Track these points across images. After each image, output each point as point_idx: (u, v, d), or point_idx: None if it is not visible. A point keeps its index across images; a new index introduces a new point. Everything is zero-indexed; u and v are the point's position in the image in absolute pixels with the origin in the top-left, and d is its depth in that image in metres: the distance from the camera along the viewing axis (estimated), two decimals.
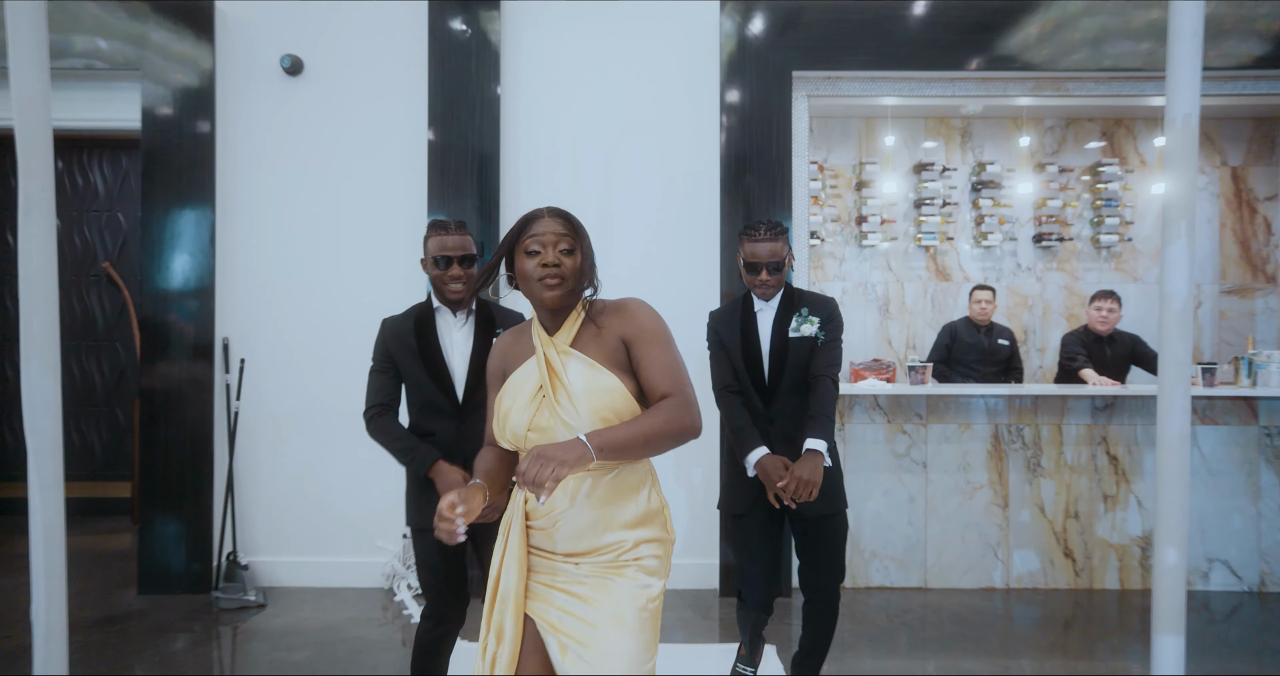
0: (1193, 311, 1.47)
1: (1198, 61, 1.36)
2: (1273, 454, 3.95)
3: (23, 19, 1.27)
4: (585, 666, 1.38)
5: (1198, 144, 1.42)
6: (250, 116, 4.10)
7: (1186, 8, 1.35)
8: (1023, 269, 5.26)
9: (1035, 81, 4.11)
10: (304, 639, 3.31)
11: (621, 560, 1.46)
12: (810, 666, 2.42)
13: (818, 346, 2.25)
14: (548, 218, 1.49)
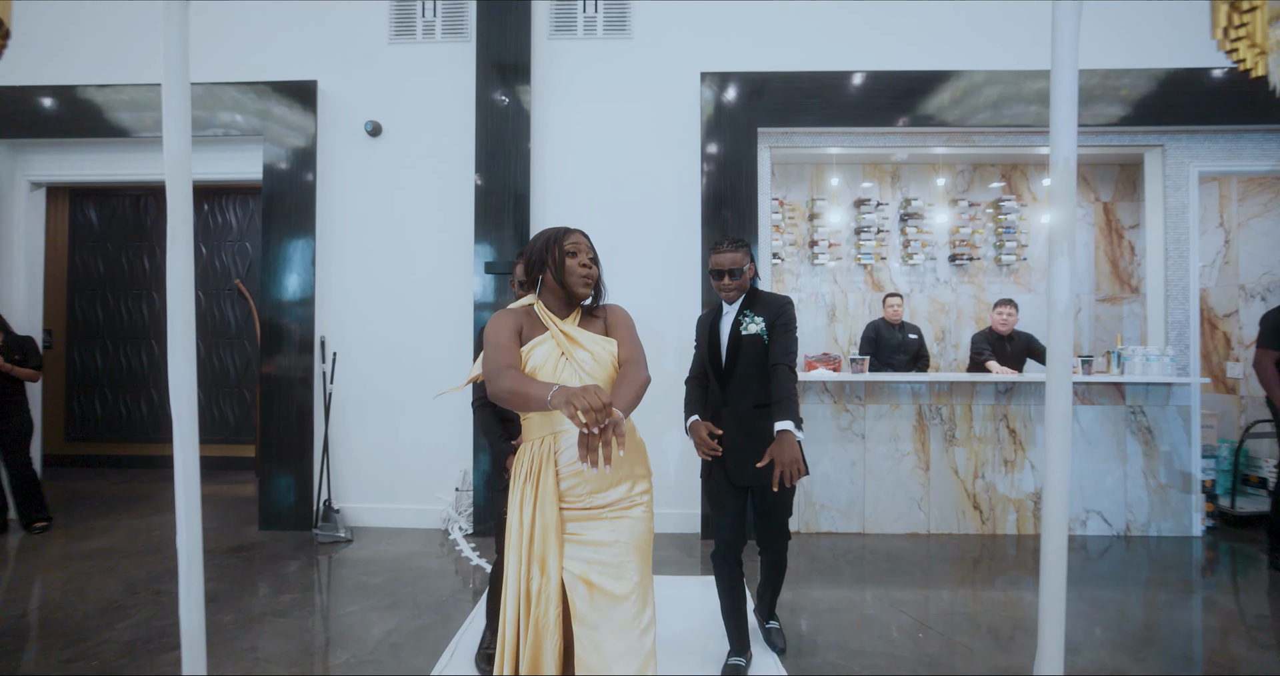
0: (1074, 314, 1.37)
1: (1074, 119, 1.30)
2: (1136, 427, 3.76)
3: (174, 99, 1.28)
4: (617, 584, 1.35)
5: (1075, 182, 1.34)
6: (342, 168, 4.06)
7: (1064, 78, 1.30)
8: (941, 282, 5.09)
9: (948, 135, 3.97)
10: (381, 566, 3.28)
11: (630, 501, 1.44)
12: (768, 599, 2.38)
13: (768, 341, 2.06)
14: (579, 233, 1.53)
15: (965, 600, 2.84)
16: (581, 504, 1.40)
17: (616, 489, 1.41)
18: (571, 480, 1.39)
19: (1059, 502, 1.39)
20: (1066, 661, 2.18)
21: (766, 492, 2.06)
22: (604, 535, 1.38)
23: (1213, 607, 2.83)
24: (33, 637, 2.44)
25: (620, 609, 1.34)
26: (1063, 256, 1.36)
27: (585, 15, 4.05)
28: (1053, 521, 1.40)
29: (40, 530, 3.78)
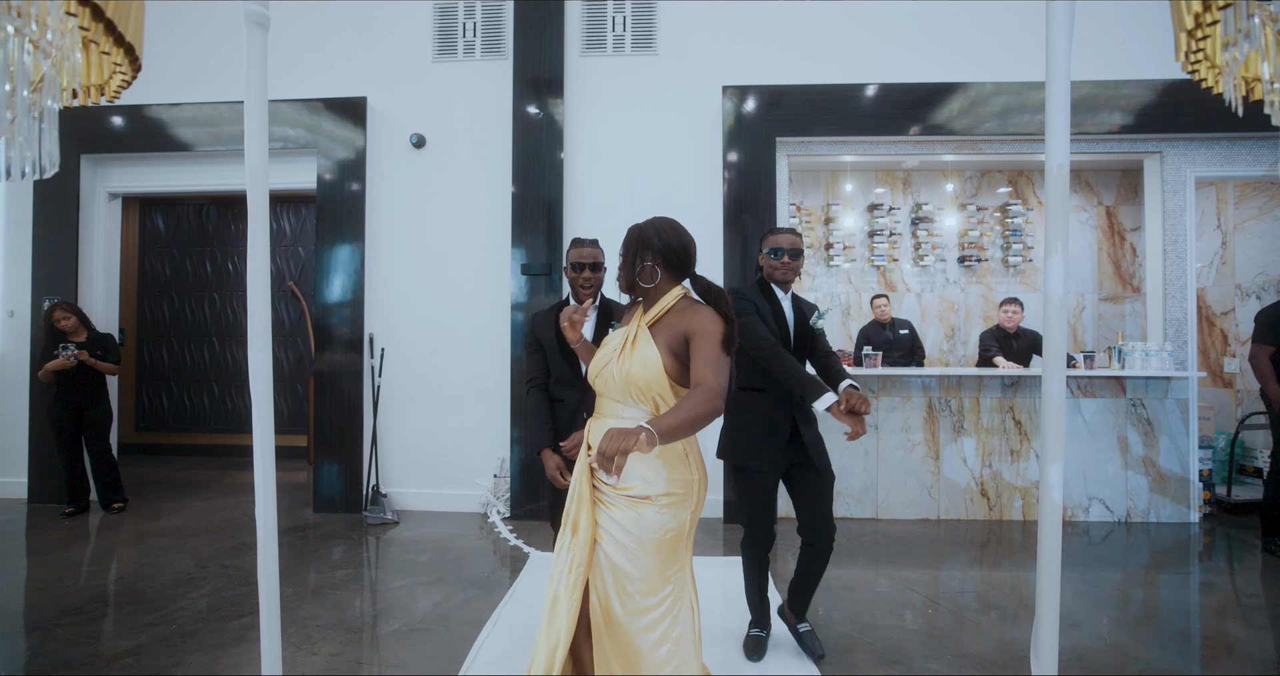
0: (1068, 310, 1.46)
1: (1066, 128, 1.36)
2: (1136, 419, 3.80)
3: (254, 117, 1.35)
4: (621, 558, 1.37)
5: (1068, 187, 1.41)
6: (389, 178, 4.20)
7: (1058, 89, 1.36)
8: (950, 282, 5.13)
9: (957, 143, 4.02)
10: (426, 546, 3.40)
11: (646, 498, 1.39)
12: (804, 598, 2.16)
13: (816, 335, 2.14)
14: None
15: (973, 580, 2.92)
16: (609, 482, 1.41)
17: (633, 480, 1.39)
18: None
19: (1055, 483, 1.45)
20: (1070, 636, 2.27)
21: (824, 475, 2.00)
22: (620, 516, 1.38)
23: (1208, 589, 2.88)
24: (116, 605, 2.60)
25: (623, 581, 1.36)
26: (1056, 253, 1.43)
27: (614, 33, 4.16)
28: (1049, 503, 1.46)
29: (118, 510, 4.00)
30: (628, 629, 1.35)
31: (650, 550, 1.37)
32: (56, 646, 2.21)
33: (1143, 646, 2.28)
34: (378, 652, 2.19)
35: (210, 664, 2.08)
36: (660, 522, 1.37)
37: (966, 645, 2.27)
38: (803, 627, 2.19)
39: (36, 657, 2.13)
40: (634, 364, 1.39)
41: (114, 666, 2.06)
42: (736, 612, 2.43)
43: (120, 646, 2.21)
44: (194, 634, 2.32)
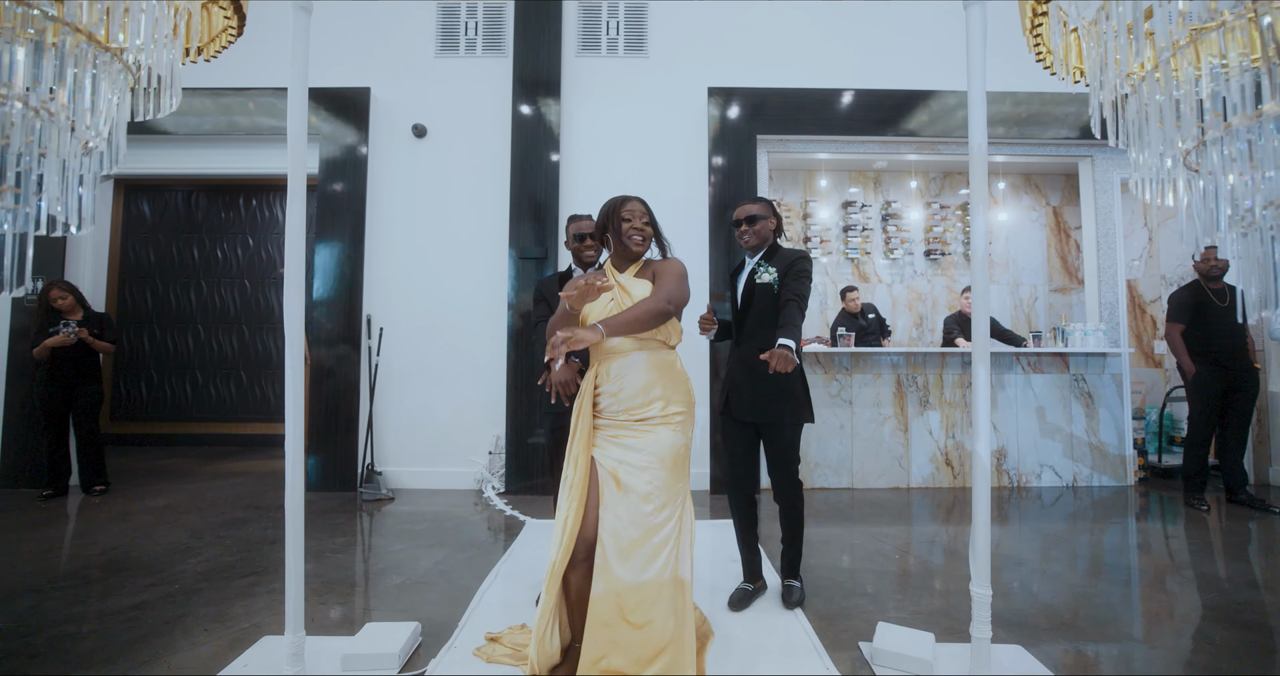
0: (988, 292, 1.78)
1: (983, 116, 1.70)
2: (1079, 393, 4.23)
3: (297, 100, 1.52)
4: (642, 483, 1.55)
5: (987, 193, 1.78)
6: (390, 165, 4.39)
7: (976, 89, 1.69)
8: (918, 274, 5.53)
9: (920, 145, 4.43)
10: (423, 519, 3.49)
11: (660, 417, 1.61)
12: (790, 557, 2.28)
13: (779, 288, 2.11)
14: (635, 201, 1.76)
15: (938, 534, 3.24)
16: (620, 417, 1.61)
17: (650, 407, 1.60)
18: (607, 399, 1.62)
19: (983, 432, 1.77)
20: (1019, 571, 2.61)
21: (772, 432, 2.13)
22: (635, 443, 1.58)
23: (1141, 534, 3.28)
24: (113, 570, 2.59)
25: (639, 504, 1.52)
26: (979, 215, 1.78)
27: (608, 36, 4.48)
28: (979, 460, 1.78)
29: (99, 493, 3.97)
30: (643, 544, 1.51)
31: (668, 464, 1.57)
32: (56, 605, 2.21)
33: (1079, 573, 2.63)
34: (384, 601, 2.28)
35: (219, 615, 2.13)
36: (674, 439, 1.61)
37: (928, 581, 2.57)
38: (788, 582, 2.28)
39: (36, 614, 2.13)
40: (637, 295, 1.65)
41: (118, 619, 2.08)
42: (723, 572, 2.59)
43: (123, 603, 2.22)
44: (198, 591, 2.35)
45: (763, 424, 2.13)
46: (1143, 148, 1.37)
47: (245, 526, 3.31)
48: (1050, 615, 2.20)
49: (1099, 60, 1.35)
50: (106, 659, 1.81)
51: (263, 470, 4.94)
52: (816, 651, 1.87)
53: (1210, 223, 1.23)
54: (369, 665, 1.67)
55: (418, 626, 1.91)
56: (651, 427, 1.60)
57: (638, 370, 1.62)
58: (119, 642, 1.92)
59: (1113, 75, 1.32)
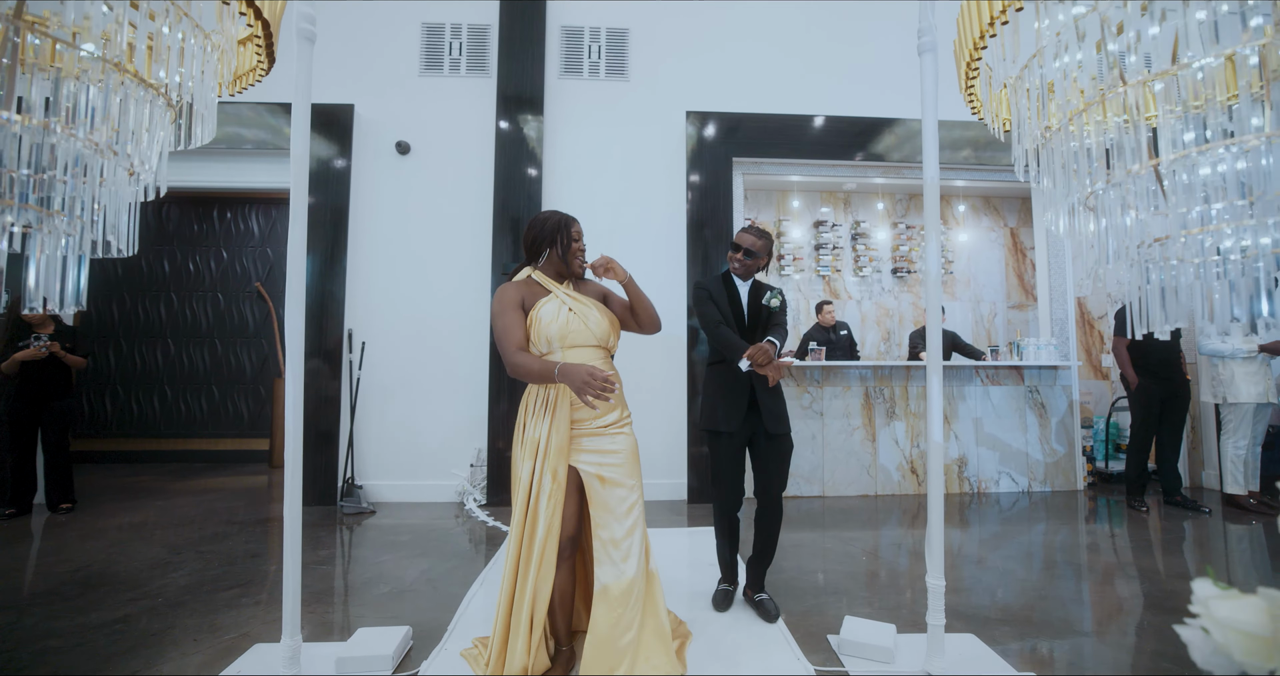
0: (940, 309, 1.96)
1: (935, 160, 1.89)
2: (1033, 403, 4.53)
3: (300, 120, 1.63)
4: (622, 477, 1.74)
5: (939, 217, 1.98)
6: (374, 180, 4.48)
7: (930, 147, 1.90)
8: (885, 291, 5.81)
9: (886, 169, 4.72)
10: (406, 531, 3.54)
11: (622, 422, 1.82)
12: (760, 569, 2.36)
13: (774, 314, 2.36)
14: (578, 224, 1.90)
15: (904, 537, 3.44)
16: (594, 425, 1.76)
17: (612, 413, 1.79)
18: (583, 412, 1.75)
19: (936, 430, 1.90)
20: (976, 569, 2.82)
21: (780, 441, 2.25)
22: (609, 445, 1.75)
23: (1089, 535, 3.54)
24: (92, 586, 2.59)
25: (623, 496, 1.72)
26: (933, 241, 1.99)
27: (590, 60, 4.68)
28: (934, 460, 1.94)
29: (65, 511, 3.90)
30: (616, 511, 1.74)
31: (635, 458, 1.82)
32: (35, 620, 2.20)
33: (1034, 569, 2.85)
34: (374, 609, 2.35)
35: (207, 625, 2.16)
36: (633, 440, 1.84)
37: (892, 579, 2.77)
38: (759, 597, 2.33)
39: (15, 630, 2.12)
40: (600, 313, 1.82)
41: (102, 633, 2.09)
42: (703, 577, 2.70)
43: (105, 617, 2.23)
44: (182, 604, 2.37)
45: (780, 435, 2.24)
46: (1053, 190, 1.60)
47: (225, 541, 3.32)
48: (1002, 608, 2.40)
49: (1019, 116, 1.57)
50: (94, 670, 1.85)
51: (236, 486, 4.89)
52: (789, 644, 2.02)
53: (1103, 254, 1.46)
54: (363, 666, 1.75)
55: (409, 630, 2.00)
56: (620, 430, 1.79)
57: None
58: (105, 654, 1.96)
59: (1030, 128, 1.54)
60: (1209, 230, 1.40)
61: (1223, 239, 1.39)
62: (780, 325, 2.34)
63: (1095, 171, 1.39)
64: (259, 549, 3.20)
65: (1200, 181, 1.35)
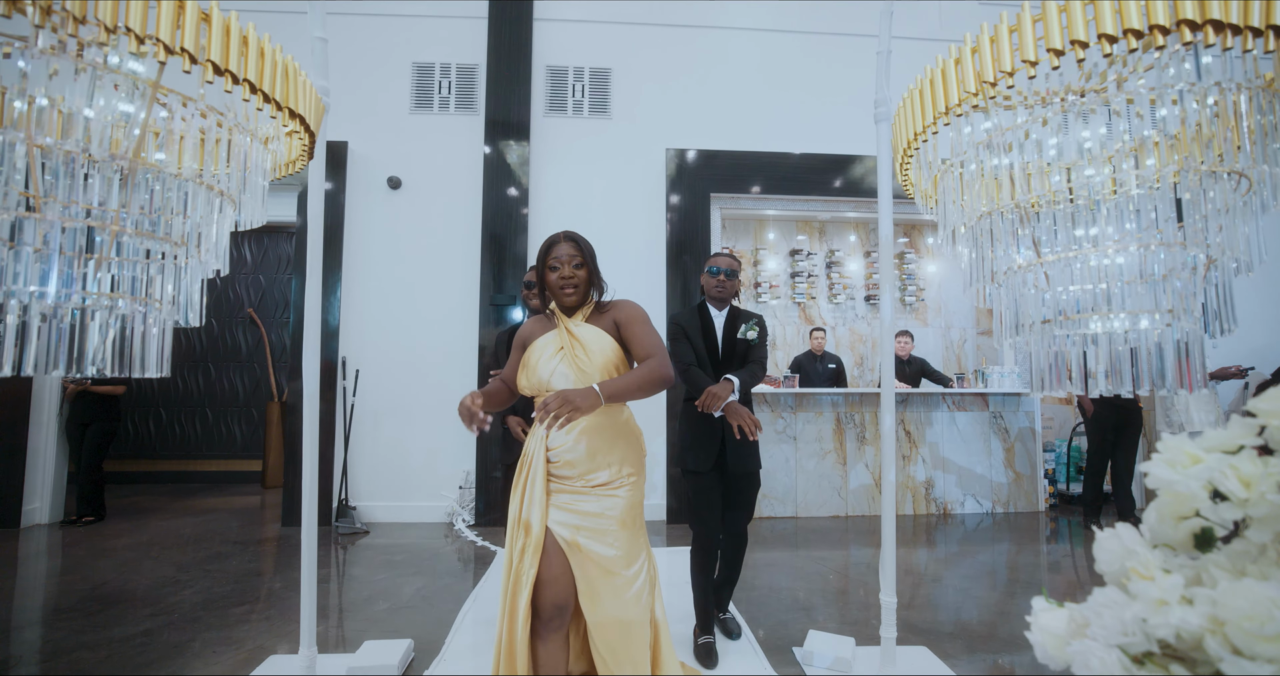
0: (893, 329, 2.34)
1: (890, 195, 2.25)
2: (997, 428, 4.94)
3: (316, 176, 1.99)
4: (604, 547, 1.52)
5: (892, 248, 2.34)
6: (366, 214, 4.84)
7: (884, 169, 2.23)
8: (859, 317, 6.19)
9: (858, 202, 5.13)
10: (399, 550, 3.86)
11: (619, 482, 1.57)
12: (725, 592, 2.45)
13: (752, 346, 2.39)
14: (564, 244, 1.63)
15: (871, 556, 3.79)
16: (575, 483, 1.55)
17: (604, 472, 1.56)
18: (562, 464, 1.55)
19: (889, 455, 2.28)
20: (935, 587, 3.18)
21: (750, 478, 2.32)
22: (592, 507, 1.53)
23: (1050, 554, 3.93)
24: (110, 602, 2.89)
25: (608, 571, 1.51)
26: (887, 291, 2.35)
27: (574, 99, 5.09)
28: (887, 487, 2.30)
29: (87, 523, 4.45)
30: (618, 600, 1.52)
31: (628, 524, 1.56)
32: (64, 634, 2.49)
33: (994, 584, 3.23)
34: (376, 624, 2.66)
35: (225, 639, 2.48)
36: (630, 500, 1.59)
37: (855, 596, 3.12)
38: (723, 615, 2.48)
39: (47, 643, 2.41)
40: (593, 348, 1.57)
41: (129, 645, 2.41)
42: (682, 597, 2.73)
43: (129, 631, 2.53)
44: (198, 619, 2.70)
45: (748, 473, 2.30)
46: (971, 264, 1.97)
47: (228, 560, 3.64)
48: (957, 623, 2.73)
49: (942, 203, 1.95)
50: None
51: (233, 507, 5.21)
52: (757, 655, 2.33)
53: (1009, 326, 1.84)
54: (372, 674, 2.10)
55: (411, 643, 2.35)
56: (610, 492, 1.56)
57: (596, 431, 1.56)
58: (135, 664, 2.28)
59: (953, 210, 1.90)
60: (1080, 317, 1.78)
61: (1088, 324, 1.77)
62: (758, 361, 2.35)
63: (997, 258, 1.77)
64: (260, 567, 3.53)
65: (1074, 274, 1.73)
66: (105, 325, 1.35)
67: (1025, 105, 1.63)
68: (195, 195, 1.50)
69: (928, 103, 1.72)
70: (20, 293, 1.23)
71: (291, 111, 1.55)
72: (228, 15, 1.31)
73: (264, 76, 1.42)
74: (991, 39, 1.48)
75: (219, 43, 1.28)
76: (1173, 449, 0.59)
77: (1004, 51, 1.44)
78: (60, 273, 1.26)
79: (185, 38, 1.21)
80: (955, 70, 1.61)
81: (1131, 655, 0.55)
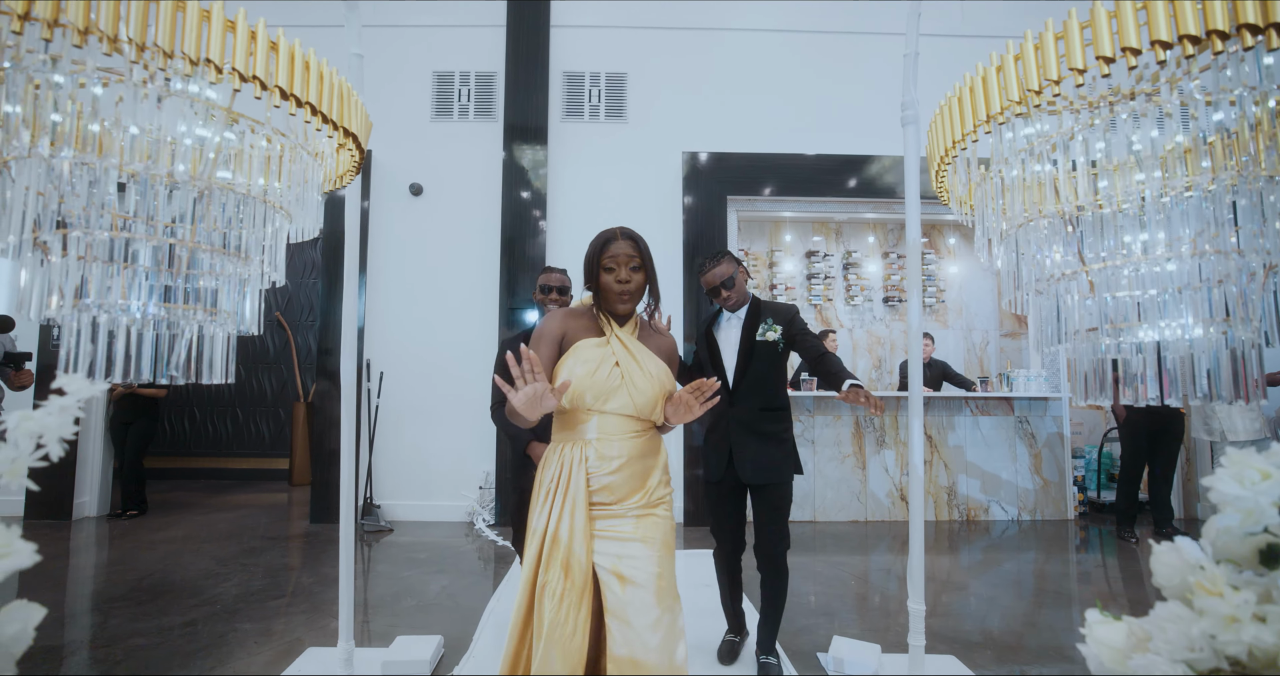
0: (920, 331, 2.30)
1: (917, 196, 2.20)
2: (1023, 433, 4.90)
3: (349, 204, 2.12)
4: (641, 573, 1.35)
5: (920, 254, 2.32)
6: (389, 221, 4.99)
7: (912, 172, 2.21)
8: (877, 319, 6.16)
9: (876, 202, 5.13)
10: (423, 549, 4.01)
11: (653, 501, 1.44)
12: (768, 628, 2.24)
13: (786, 346, 2.18)
14: (622, 240, 1.46)
15: (892, 562, 3.80)
16: (613, 508, 1.41)
17: (649, 494, 1.43)
18: (603, 490, 1.41)
19: (917, 463, 2.21)
20: (961, 595, 3.18)
21: (767, 491, 2.14)
22: (630, 530, 1.39)
23: (1081, 564, 3.88)
24: (157, 593, 3.11)
25: (648, 600, 1.33)
26: (915, 295, 2.33)
27: (590, 104, 5.19)
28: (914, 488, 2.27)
29: (131, 516, 4.75)
30: (647, 636, 1.31)
31: (669, 546, 1.43)
32: (119, 622, 2.72)
33: (1020, 597, 3.22)
34: (403, 620, 2.79)
35: (264, 630, 2.64)
36: (669, 521, 1.47)
37: (879, 602, 3.15)
38: (764, 659, 2.21)
39: (105, 629, 2.65)
40: (653, 373, 1.42)
41: (176, 633, 2.61)
42: (705, 600, 2.79)
43: (177, 620, 2.75)
44: (238, 610, 2.88)
45: (767, 484, 2.12)
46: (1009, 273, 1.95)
47: (264, 554, 3.83)
48: (985, 633, 2.73)
49: (981, 211, 1.95)
50: (180, 666, 2.32)
51: (264, 503, 5.45)
52: (782, 660, 2.32)
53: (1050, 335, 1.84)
54: (406, 669, 2.21)
55: (441, 639, 2.46)
56: (648, 510, 1.44)
57: (640, 454, 1.44)
58: (184, 652, 2.44)
59: (991, 217, 1.90)
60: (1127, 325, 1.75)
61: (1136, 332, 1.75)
62: (823, 355, 2.10)
63: (1038, 266, 1.77)
64: (293, 562, 3.72)
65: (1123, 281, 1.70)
66: (182, 335, 1.48)
67: (1071, 110, 1.60)
68: (258, 211, 1.62)
69: (967, 110, 1.69)
70: (111, 306, 1.36)
71: (346, 130, 1.66)
72: (292, 43, 1.43)
73: (323, 98, 1.53)
74: (1036, 46, 1.45)
75: (285, 69, 1.40)
76: (1239, 462, 0.59)
77: (1049, 58, 1.39)
78: (143, 287, 1.39)
79: (257, 65, 1.33)
80: (997, 77, 1.57)
81: (1198, 671, 0.55)
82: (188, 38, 1.21)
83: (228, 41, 1.29)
